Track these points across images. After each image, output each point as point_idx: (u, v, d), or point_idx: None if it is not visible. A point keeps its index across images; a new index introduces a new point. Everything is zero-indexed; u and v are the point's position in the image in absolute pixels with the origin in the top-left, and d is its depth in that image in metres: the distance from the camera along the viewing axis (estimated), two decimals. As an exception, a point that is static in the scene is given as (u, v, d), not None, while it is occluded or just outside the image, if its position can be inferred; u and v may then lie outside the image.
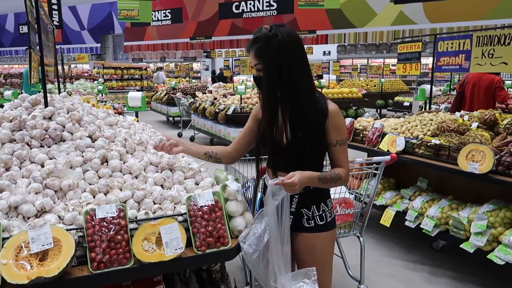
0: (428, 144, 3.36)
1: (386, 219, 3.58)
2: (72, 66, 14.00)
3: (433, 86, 5.48)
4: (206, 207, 1.71)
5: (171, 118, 12.04)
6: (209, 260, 1.69)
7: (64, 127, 2.03)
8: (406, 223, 3.45)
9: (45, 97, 2.14)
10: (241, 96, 7.39)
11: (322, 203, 1.78)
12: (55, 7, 8.40)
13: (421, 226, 3.29)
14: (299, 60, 1.63)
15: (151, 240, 1.58)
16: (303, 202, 1.76)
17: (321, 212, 1.77)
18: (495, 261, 2.63)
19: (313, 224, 1.76)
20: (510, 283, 3.04)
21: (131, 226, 1.61)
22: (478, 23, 8.26)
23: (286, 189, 1.58)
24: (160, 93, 12.12)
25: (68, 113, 2.14)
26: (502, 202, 2.89)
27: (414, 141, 3.52)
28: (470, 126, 3.42)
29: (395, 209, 3.61)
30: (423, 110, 5.20)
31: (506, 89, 7.30)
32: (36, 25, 2.36)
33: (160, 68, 17.11)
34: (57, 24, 8.14)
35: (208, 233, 1.65)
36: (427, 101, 5.53)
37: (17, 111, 2.06)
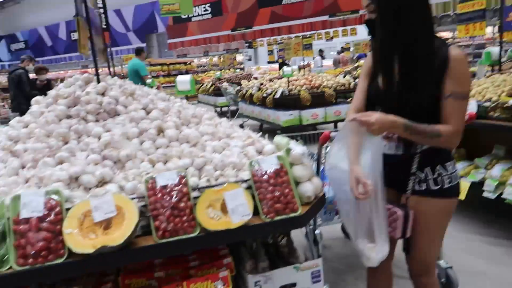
0: (505, 105, 3.01)
1: (461, 191, 3.26)
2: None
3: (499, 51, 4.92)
4: (271, 171, 1.57)
5: (219, 109, 12.09)
6: (279, 227, 1.55)
7: (117, 101, 1.98)
8: (485, 194, 3.11)
9: (97, 74, 2.10)
10: (288, 78, 7.19)
11: (439, 165, 1.54)
12: (101, 10, 8.66)
13: (503, 196, 2.96)
14: None
15: (216, 207, 1.47)
16: (418, 163, 1.54)
17: (436, 176, 1.54)
18: None
19: (424, 188, 1.55)
20: None
21: (193, 194, 1.50)
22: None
23: (364, 126, 1.42)
24: (206, 85, 12.20)
25: (120, 88, 2.08)
26: None
27: (487, 104, 3.16)
28: (556, 81, 3.02)
29: (470, 180, 3.28)
30: (492, 72, 4.70)
31: None
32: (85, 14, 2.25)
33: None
34: (105, 27, 8.38)
35: (276, 198, 1.52)
36: (494, 66, 5.01)
37: (71, 88, 2.04)
